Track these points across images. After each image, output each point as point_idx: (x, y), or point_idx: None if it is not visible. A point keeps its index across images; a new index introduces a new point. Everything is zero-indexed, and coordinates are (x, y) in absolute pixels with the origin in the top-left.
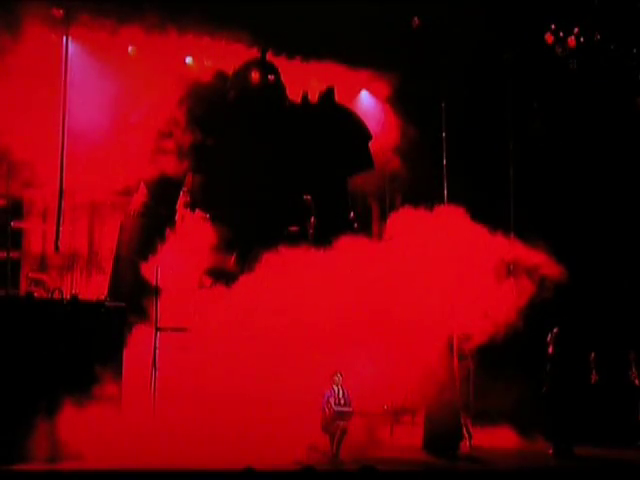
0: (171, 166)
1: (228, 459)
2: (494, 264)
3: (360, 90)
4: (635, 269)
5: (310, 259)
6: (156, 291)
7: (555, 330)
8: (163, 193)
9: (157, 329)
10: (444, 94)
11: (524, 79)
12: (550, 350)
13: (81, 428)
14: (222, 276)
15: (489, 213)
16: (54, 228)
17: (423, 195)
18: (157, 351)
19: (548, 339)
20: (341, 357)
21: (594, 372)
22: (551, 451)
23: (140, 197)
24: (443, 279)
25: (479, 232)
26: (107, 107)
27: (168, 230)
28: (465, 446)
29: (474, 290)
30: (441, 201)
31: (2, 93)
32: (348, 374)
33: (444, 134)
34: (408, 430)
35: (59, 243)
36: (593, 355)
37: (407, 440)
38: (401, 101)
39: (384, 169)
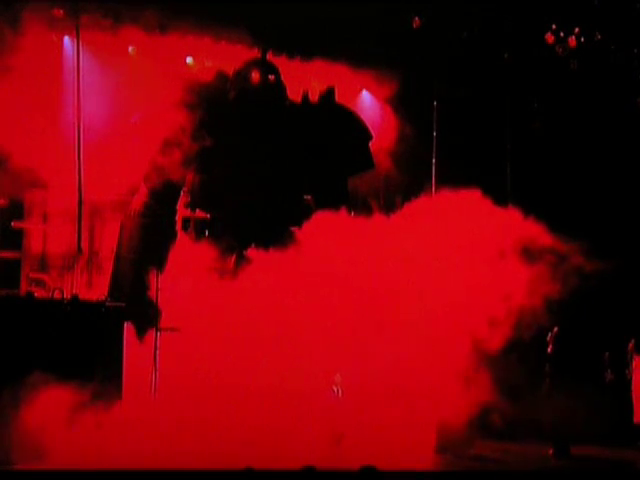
0: (171, 166)
1: (228, 459)
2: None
3: (360, 90)
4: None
5: (320, 245)
6: (156, 291)
7: (555, 329)
8: (163, 193)
9: (157, 329)
10: (443, 95)
11: (524, 79)
12: (550, 349)
13: (81, 428)
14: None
15: None
16: (54, 228)
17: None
18: (157, 351)
19: (548, 338)
20: (347, 356)
21: (609, 371)
22: (551, 451)
23: (140, 197)
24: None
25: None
26: (108, 107)
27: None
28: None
29: (502, 281)
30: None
31: (3, 93)
32: (355, 374)
33: (435, 133)
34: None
35: (81, 244)
36: (607, 354)
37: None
38: (401, 101)
39: (383, 169)
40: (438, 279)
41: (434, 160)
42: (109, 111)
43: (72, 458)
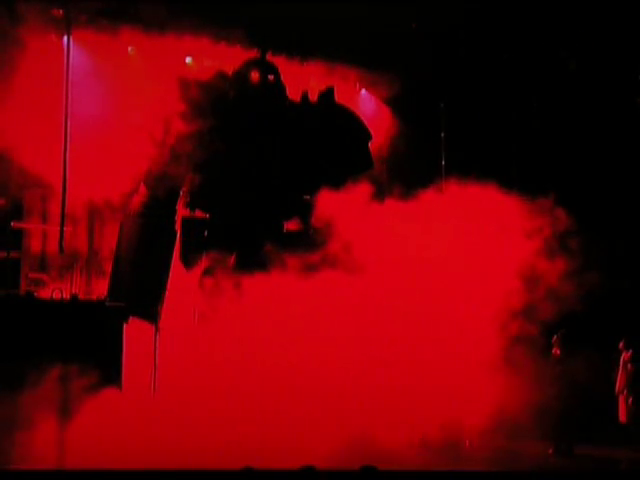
0: (171, 166)
1: (227, 459)
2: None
3: (360, 90)
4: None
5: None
6: (156, 291)
7: (562, 331)
8: (163, 193)
9: (157, 329)
10: (443, 95)
11: (524, 79)
12: (557, 351)
13: (80, 428)
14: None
15: None
16: (55, 228)
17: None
18: (157, 351)
19: (553, 340)
20: (348, 356)
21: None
22: (551, 451)
23: (140, 197)
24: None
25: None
26: (107, 107)
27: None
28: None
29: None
30: None
31: (3, 93)
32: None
33: (443, 134)
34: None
35: (63, 244)
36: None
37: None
38: (400, 101)
39: (383, 168)
40: (455, 274)
41: (443, 162)
42: (108, 111)
43: (72, 458)
